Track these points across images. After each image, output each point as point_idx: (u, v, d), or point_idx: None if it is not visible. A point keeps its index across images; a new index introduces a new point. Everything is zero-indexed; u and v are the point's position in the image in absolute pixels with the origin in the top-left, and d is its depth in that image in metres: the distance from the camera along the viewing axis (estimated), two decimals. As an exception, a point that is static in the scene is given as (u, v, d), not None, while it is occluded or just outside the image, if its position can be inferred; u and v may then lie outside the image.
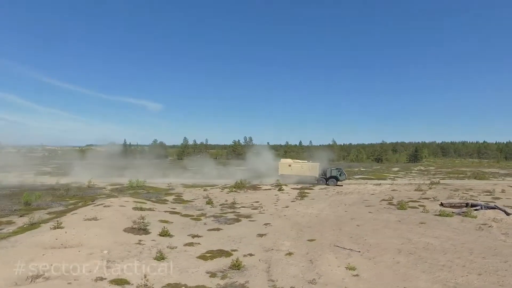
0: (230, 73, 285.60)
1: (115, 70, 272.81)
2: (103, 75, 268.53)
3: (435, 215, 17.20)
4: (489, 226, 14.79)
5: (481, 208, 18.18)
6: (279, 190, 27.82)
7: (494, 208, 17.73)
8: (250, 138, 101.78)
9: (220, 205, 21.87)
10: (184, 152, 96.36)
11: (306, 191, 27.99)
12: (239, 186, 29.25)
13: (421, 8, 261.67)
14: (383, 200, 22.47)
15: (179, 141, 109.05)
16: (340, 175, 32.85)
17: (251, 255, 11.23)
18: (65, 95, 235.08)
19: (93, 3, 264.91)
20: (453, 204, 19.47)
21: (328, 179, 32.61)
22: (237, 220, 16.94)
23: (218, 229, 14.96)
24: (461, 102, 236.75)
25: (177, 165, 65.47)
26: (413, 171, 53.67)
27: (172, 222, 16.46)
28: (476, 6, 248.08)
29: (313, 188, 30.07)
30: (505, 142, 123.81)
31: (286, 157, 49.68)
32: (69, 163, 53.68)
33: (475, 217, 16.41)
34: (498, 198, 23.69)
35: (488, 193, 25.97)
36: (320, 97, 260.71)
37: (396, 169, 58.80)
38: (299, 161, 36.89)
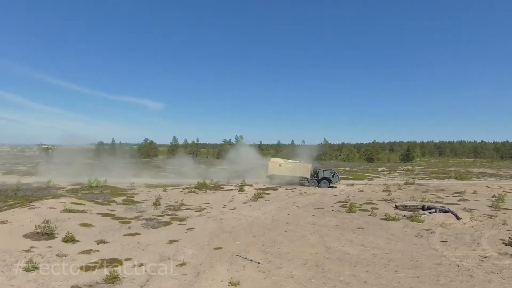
0: (230, 73, 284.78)
1: (116, 69, 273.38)
2: (104, 74, 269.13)
3: (381, 219, 15.84)
4: (432, 232, 13.42)
5: (435, 211, 16.80)
6: (240, 190, 26.51)
7: (448, 212, 16.32)
8: (241, 137, 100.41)
9: (166, 207, 20.60)
10: (174, 151, 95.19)
11: (268, 191, 26.67)
12: (200, 186, 28.00)
13: (420, 8, 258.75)
14: (340, 202, 21.10)
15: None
16: (332, 176, 30.70)
17: (141, 265, 9.96)
18: (66, 95, 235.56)
19: (94, 3, 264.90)
20: (408, 207, 18.08)
21: (320, 180, 30.53)
22: (167, 224, 15.65)
23: (135, 234, 13.69)
24: (460, 102, 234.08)
25: (157, 164, 64.29)
26: (398, 171, 52.13)
27: (94, 226, 15.28)
28: (476, 6, 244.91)
29: (280, 189, 28.74)
30: (502, 142, 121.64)
31: (276, 157, 47.40)
32: (48, 162, 52.81)
33: (422, 221, 15.03)
34: (465, 200, 22.31)
35: (458, 194, 24.55)
36: (320, 96, 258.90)
37: (382, 168, 57.26)
38: (290, 161, 34.52)
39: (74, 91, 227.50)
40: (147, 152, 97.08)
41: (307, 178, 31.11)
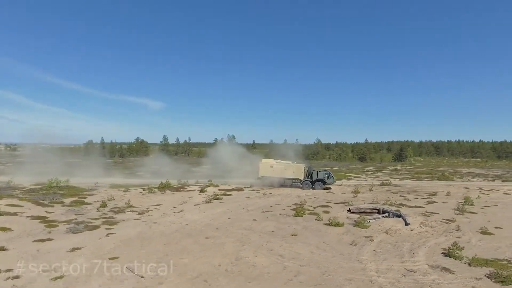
0: (230, 72, 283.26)
1: (116, 69, 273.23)
2: (104, 74, 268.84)
3: (325, 224, 14.50)
4: (370, 240, 12.09)
5: (388, 216, 15.46)
6: (202, 191, 25.22)
7: (399, 216, 14.97)
8: (233, 136, 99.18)
9: (111, 209, 19.35)
10: (164, 150, 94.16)
11: (231, 192, 25.39)
12: (162, 187, 26.78)
13: (420, 8, 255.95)
14: (296, 204, 19.77)
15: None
16: (327, 178, 28.95)
17: (16, 277, 8.74)
18: (67, 94, 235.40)
19: (95, 3, 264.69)
20: (362, 210, 16.74)
21: (314, 182, 28.71)
22: (93, 228, 14.39)
23: (45, 240, 12.45)
24: (460, 102, 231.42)
25: (141, 163, 63.05)
26: (384, 171, 50.63)
27: (12, 230, 14.12)
28: (476, 6, 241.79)
29: (246, 190, 27.45)
30: (500, 142, 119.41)
31: (267, 157, 43.97)
32: (27, 161, 51.84)
33: (367, 227, 13.69)
34: (433, 202, 20.99)
35: (429, 196, 23.17)
36: (320, 96, 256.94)
37: (369, 168, 55.76)
38: (282, 161, 32.18)
39: (75, 91, 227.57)
40: (137, 151, 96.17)
41: (301, 180, 29.20)
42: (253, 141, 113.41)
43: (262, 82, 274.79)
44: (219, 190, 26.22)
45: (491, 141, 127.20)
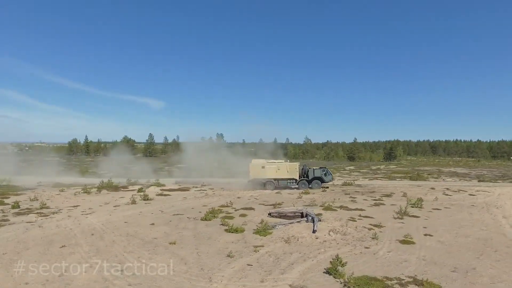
0: (229, 72, 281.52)
1: (118, 68, 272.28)
2: (106, 73, 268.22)
3: (225, 230, 12.51)
4: (255, 251, 10.09)
5: (307, 220, 13.48)
6: (139, 191, 23.35)
7: (314, 221, 12.97)
8: (222, 135, 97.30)
9: (21, 210, 17.52)
10: (150, 148, 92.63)
11: (170, 192, 23.48)
12: (102, 187, 24.98)
13: (412, 7, 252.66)
14: (222, 206, 17.81)
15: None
16: (325, 175, 27.02)
17: None
18: (69, 93, 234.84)
19: (97, 2, 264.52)
20: (283, 214, 14.73)
21: (311, 181, 26.83)
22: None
23: None
24: (460, 102, 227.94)
25: (114, 162, 61.29)
26: (362, 170, 48.47)
27: None
28: (475, 6, 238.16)
29: (192, 189, 25.55)
30: (497, 141, 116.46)
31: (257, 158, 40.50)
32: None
33: (267, 234, 11.70)
34: (379, 205, 18.95)
35: (380, 198, 21.13)
36: (319, 96, 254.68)
37: (350, 168, 53.61)
38: (275, 161, 29.77)
39: (77, 90, 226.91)
40: (123, 149, 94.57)
41: (296, 180, 27.09)
42: (243, 140, 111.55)
43: (261, 82, 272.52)
44: (161, 190, 24.38)
45: (489, 141, 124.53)
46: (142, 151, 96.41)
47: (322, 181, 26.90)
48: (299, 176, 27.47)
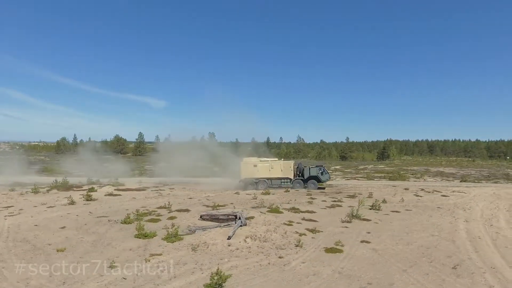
0: (229, 72, 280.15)
1: (119, 67, 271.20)
2: (106, 72, 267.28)
3: (136, 235, 11.15)
4: (146, 260, 8.72)
5: (239, 224, 12.09)
6: (90, 190, 22.03)
7: (242, 225, 11.59)
8: (213, 134, 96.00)
9: None
10: (139, 148, 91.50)
11: (124, 192, 22.17)
12: (53, 186, 23.72)
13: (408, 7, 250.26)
14: (160, 207, 16.44)
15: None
16: (322, 174, 25.44)
17: None
18: (70, 92, 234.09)
19: (98, 1, 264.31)
20: (215, 217, 13.33)
21: (307, 180, 25.22)
22: None
23: None
24: (460, 101, 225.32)
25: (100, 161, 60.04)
26: (347, 170, 46.93)
27: None
28: (475, 6, 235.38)
29: (148, 189, 24.22)
30: (495, 141, 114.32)
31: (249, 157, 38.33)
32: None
33: (176, 240, 10.32)
34: (337, 206, 17.57)
35: (343, 198, 19.71)
36: (319, 95, 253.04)
37: (336, 167, 52.07)
38: (268, 159, 28.00)
39: (78, 89, 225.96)
40: (114, 148, 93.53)
41: (290, 179, 25.44)
42: (236, 139, 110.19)
43: (260, 81, 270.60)
44: (115, 190, 23.05)
45: (487, 140, 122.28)
46: (132, 150, 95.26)
47: (319, 180, 25.27)
48: (294, 175, 25.93)
